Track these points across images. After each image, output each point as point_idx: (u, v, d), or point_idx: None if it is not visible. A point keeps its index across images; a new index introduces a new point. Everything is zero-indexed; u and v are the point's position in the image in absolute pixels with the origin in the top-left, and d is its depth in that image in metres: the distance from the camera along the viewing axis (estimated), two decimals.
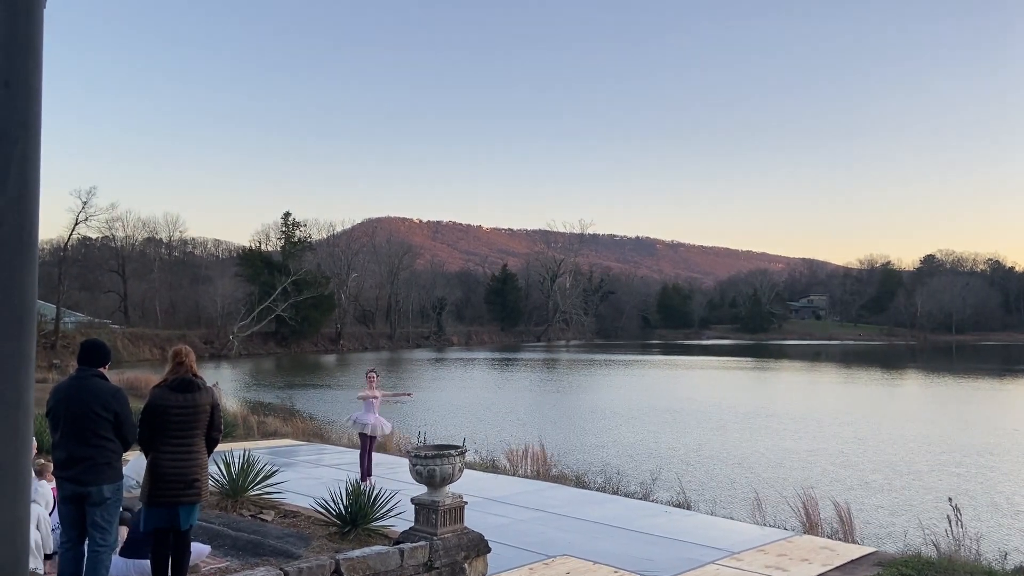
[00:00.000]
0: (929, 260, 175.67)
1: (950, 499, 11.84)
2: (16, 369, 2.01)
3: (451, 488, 6.89)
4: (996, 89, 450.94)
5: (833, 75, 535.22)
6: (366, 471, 12.96)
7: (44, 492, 7.82)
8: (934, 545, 10.50)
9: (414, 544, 6.40)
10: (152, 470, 6.19)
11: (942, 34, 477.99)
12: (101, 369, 6.15)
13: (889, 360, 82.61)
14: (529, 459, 16.44)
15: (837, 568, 8.60)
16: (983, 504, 17.39)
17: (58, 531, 6.55)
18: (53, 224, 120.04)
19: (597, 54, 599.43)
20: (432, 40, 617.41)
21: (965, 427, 30.53)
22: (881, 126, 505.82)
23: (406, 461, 9.25)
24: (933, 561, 9.13)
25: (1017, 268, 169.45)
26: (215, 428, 6.45)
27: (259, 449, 15.48)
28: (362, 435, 13.07)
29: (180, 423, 6.18)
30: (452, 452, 6.79)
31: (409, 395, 17.94)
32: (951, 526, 10.59)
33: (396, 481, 12.07)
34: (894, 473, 21.10)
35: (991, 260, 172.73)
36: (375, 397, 13.08)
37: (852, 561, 8.93)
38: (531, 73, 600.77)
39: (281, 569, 5.56)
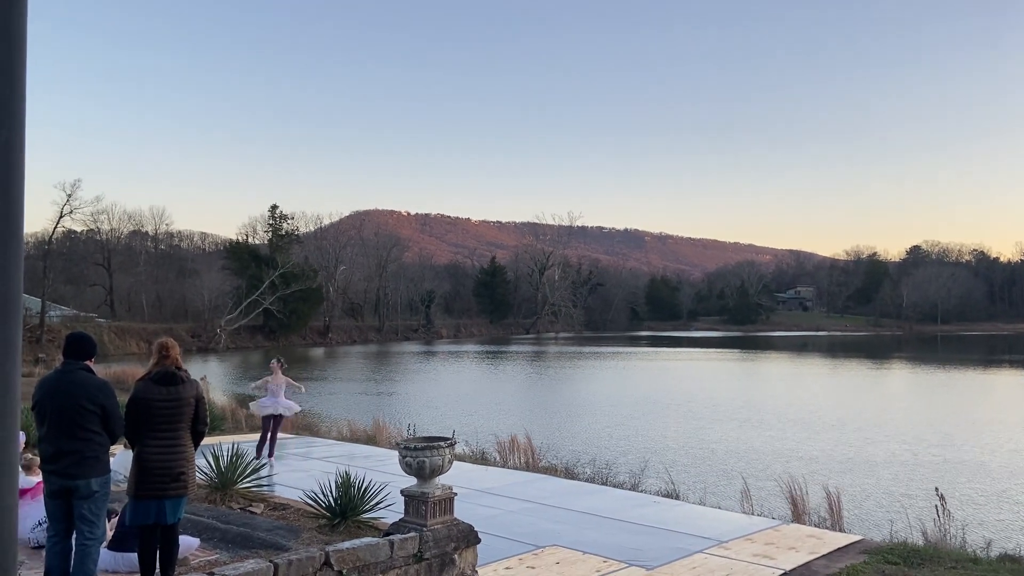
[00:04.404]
0: (915, 251, 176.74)
1: (936, 488, 11.96)
2: (2, 358, 2.00)
3: (441, 480, 6.89)
4: (982, 84, 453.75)
5: (821, 71, 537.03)
6: (264, 450, 13.75)
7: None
8: (921, 533, 10.60)
9: (404, 535, 6.40)
10: (138, 464, 6.15)
11: (930, 30, 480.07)
12: (87, 362, 6.10)
13: (875, 351, 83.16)
14: (518, 451, 16.47)
15: (824, 556, 8.66)
16: (971, 493, 17.55)
17: (45, 525, 6.51)
18: (37, 217, 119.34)
19: (587, 47, 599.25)
20: (420, 31, 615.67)
21: (953, 418, 30.79)
22: (868, 120, 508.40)
23: (395, 453, 9.24)
24: (919, 548, 9.22)
25: (1002, 259, 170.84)
26: (200, 421, 6.42)
27: (248, 442, 15.41)
28: (265, 417, 13.91)
29: (164, 416, 6.15)
30: (441, 444, 6.78)
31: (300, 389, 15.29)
32: (938, 515, 10.70)
33: (385, 473, 12.06)
34: (882, 462, 21.26)
35: (976, 251, 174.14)
36: (279, 384, 13.91)
37: (839, 549, 9.00)
38: (520, 66, 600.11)
39: (271, 561, 5.55)
